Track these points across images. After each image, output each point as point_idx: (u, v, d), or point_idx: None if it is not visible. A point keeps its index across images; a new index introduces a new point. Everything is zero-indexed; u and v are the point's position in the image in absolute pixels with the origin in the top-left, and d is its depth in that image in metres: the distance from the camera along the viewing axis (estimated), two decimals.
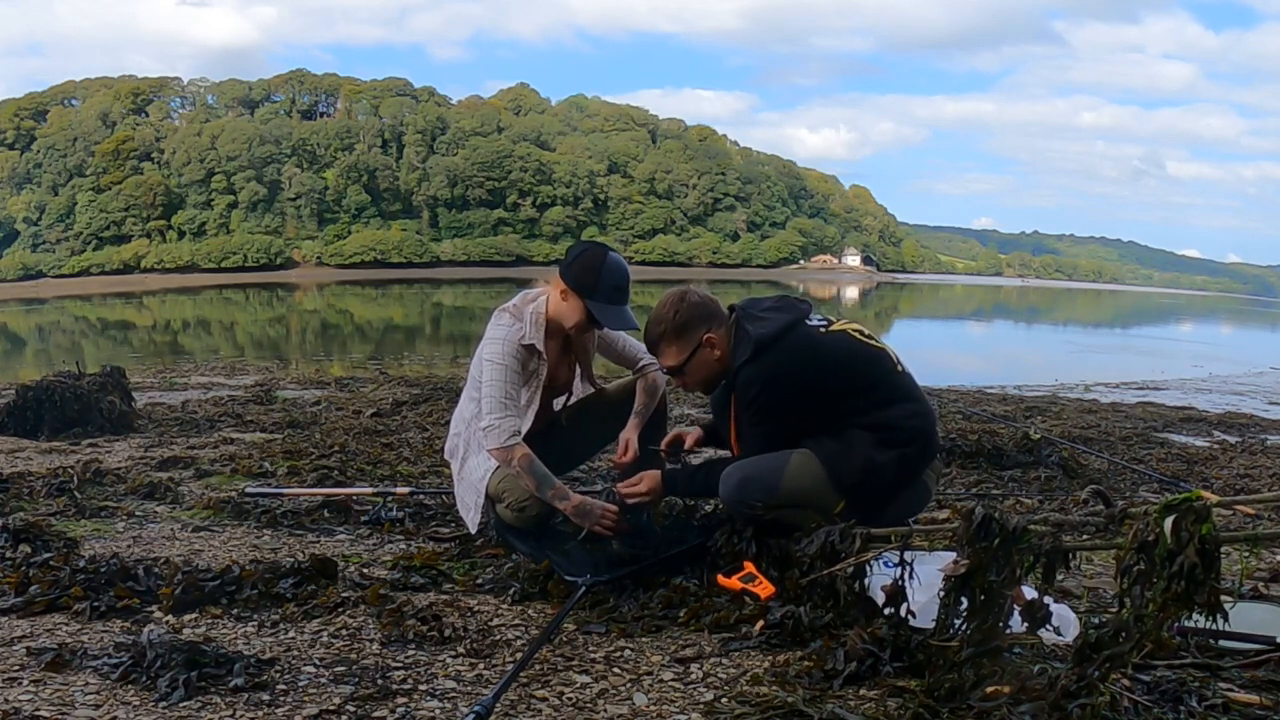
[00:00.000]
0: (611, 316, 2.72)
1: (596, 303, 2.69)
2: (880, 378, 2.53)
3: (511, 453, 2.63)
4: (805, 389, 2.46)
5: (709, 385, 2.67)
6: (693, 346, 2.57)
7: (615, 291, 2.70)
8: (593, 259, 2.71)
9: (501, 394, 2.66)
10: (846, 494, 2.46)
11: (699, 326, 2.57)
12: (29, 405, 5.15)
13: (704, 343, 2.57)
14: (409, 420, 5.70)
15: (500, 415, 2.64)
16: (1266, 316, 55.87)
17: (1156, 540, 1.56)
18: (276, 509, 3.25)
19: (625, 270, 2.75)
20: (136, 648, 1.88)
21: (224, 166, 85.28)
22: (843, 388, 2.48)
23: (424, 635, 2.08)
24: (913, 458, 2.51)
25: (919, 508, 2.67)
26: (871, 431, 2.46)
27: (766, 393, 2.47)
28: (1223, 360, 16.03)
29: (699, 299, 2.63)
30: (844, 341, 2.54)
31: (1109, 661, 1.56)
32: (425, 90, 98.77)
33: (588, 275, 2.68)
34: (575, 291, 2.70)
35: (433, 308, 38.52)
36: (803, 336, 2.52)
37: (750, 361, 2.48)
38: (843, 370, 2.49)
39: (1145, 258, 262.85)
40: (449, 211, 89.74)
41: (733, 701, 1.78)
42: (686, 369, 2.61)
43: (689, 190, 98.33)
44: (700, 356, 2.58)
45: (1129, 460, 4.92)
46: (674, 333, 2.59)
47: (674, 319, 2.58)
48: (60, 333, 27.64)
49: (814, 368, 2.47)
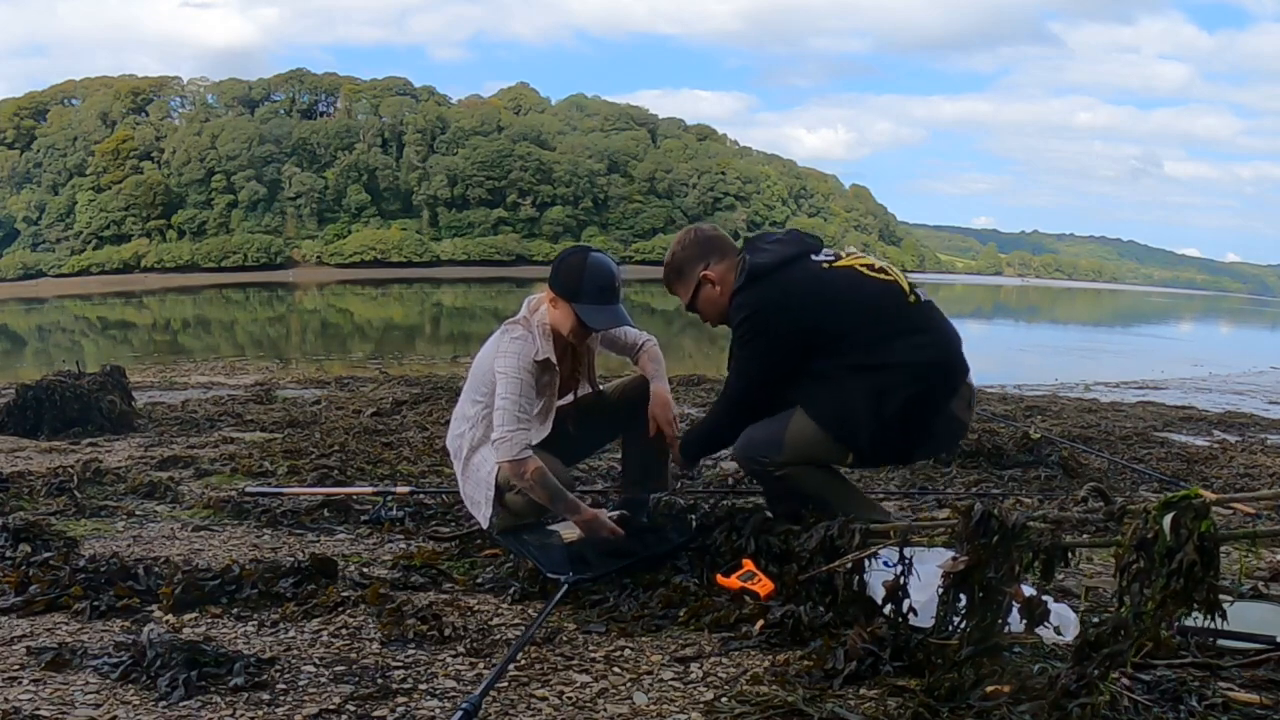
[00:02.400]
0: (599, 317, 2.71)
1: (583, 306, 2.68)
2: (887, 313, 2.45)
3: (524, 466, 2.62)
4: (798, 324, 2.43)
5: (720, 317, 2.67)
6: (694, 283, 2.63)
7: (601, 292, 2.69)
8: (575, 263, 2.70)
9: (515, 408, 2.64)
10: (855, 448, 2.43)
11: (696, 264, 2.63)
12: (29, 404, 5.15)
13: (702, 278, 2.62)
14: (409, 420, 5.70)
15: (513, 428, 2.63)
16: (1266, 316, 55.86)
17: (1155, 537, 1.56)
18: (276, 508, 3.25)
19: (609, 269, 2.73)
20: (136, 647, 1.88)
21: (224, 166, 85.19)
22: (842, 327, 2.42)
23: (424, 635, 2.08)
24: (925, 394, 2.42)
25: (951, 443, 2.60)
26: (874, 374, 2.39)
27: (751, 322, 2.46)
28: (1217, 363, 16.02)
29: (699, 236, 2.67)
30: (848, 277, 2.48)
31: (1108, 660, 1.56)
32: (425, 90, 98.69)
33: (571, 280, 2.68)
34: (562, 298, 2.70)
35: (433, 307, 38.49)
36: (802, 270, 2.49)
37: (741, 290, 2.50)
38: (843, 308, 2.44)
39: (1145, 257, 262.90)
40: (449, 211, 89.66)
41: (733, 701, 1.78)
42: (697, 307, 2.67)
43: (689, 190, 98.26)
44: (703, 293, 2.63)
45: (1129, 459, 4.92)
46: (674, 274, 2.67)
47: (672, 261, 2.69)
48: (60, 332, 27.63)
49: (810, 302, 2.43)
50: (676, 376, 8.99)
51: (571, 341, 2.82)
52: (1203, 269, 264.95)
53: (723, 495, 3.47)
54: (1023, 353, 17.10)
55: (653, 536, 2.69)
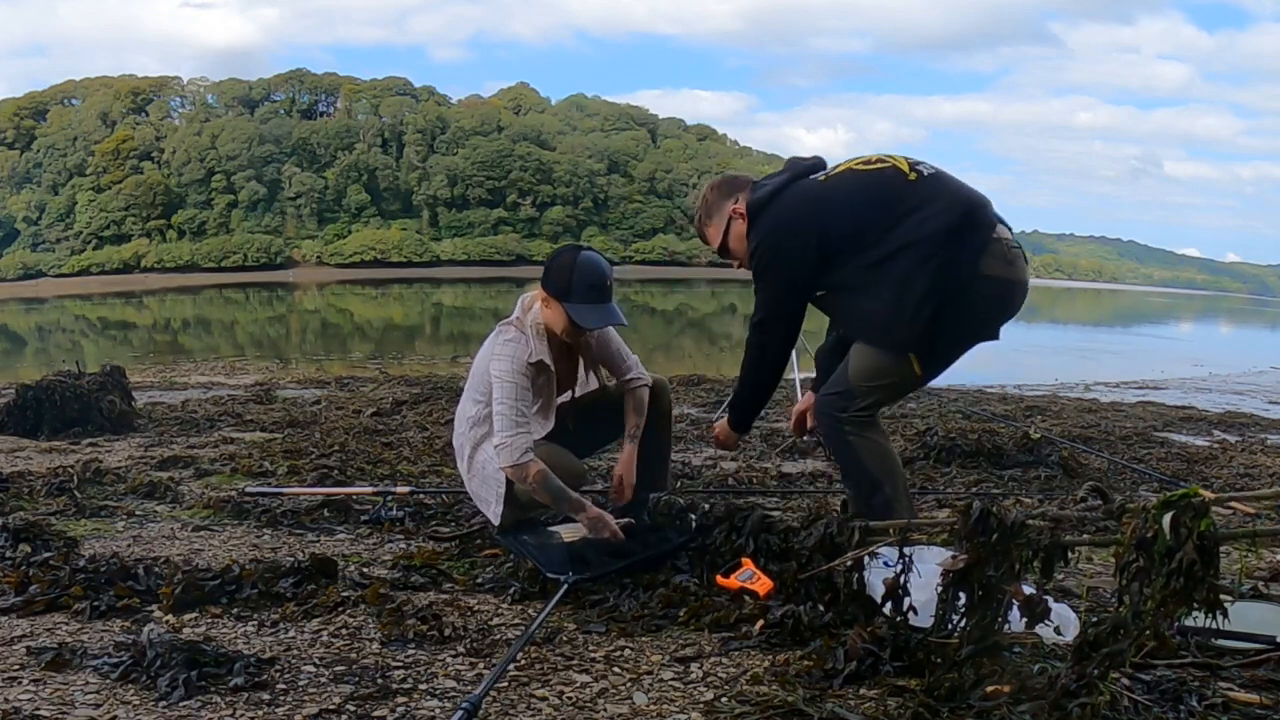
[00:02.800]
0: (589, 316, 2.70)
1: (574, 305, 2.67)
2: (889, 200, 2.44)
3: (526, 470, 2.63)
4: (803, 240, 2.46)
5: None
6: (725, 222, 2.65)
7: (591, 290, 2.68)
8: (565, 261, 2.70)
9: (513, 412, 2.65)
10: (910, 350, 2.44)
11: (725, 201, 2.65)
12: (29, 405, 5.15)
13: (733, 214, 2.64)
14: (409, 420, 5.70)
15: (512, 433, 2.63)
16: (1266, 316, 55.85)
17: (1155, 536, 1.56)
18: (276, 508, 3.25)
19: (600, 268, 2.72)
20: (136, 647, 1.88)
21: (224, 166, 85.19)
22: (847, 228, 2.44)
23: (424, 635, 2.09)
24: (946, 265, 2.38)
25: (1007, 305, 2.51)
26: (889, 265, 2.39)
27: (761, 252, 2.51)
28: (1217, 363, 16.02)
29: (726, 177, 2.73)
30: (844, 181, 2.51)
31: (1108, 659, 1.56)
32: (425, 90, 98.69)
33: (562, 278, 2.67)
34: (554, 297, 2.69)
35: (433, 307, 38.47)
36: (797, 191, 2.52)
37: (749, 231, 2.55)
38: (843, 209, 2.46)
39: (1145, 256, 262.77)
40: (449, 211, 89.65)
41: (733, 701, 1.78)
42: (729, 245, 2.67)
43: (689, 190, 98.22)
44: (733, 230, 2.65)
45: (1129, 459, 4.92)
46: (706, 215, 2.70)
47: (704, 205, 2.71)
48: (60, 332, 27.62)
49: (808, 214, 2.47)
50: (677, 377, 8.98)
51: (566, 340, 2.82)
52: (1203, 269, 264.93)
53: (723, 495, 3.47)
54: (1023, 353, 17.09)
55: (652, 536, 2.69)
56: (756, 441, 5.24)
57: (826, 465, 4.62)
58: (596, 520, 2.65)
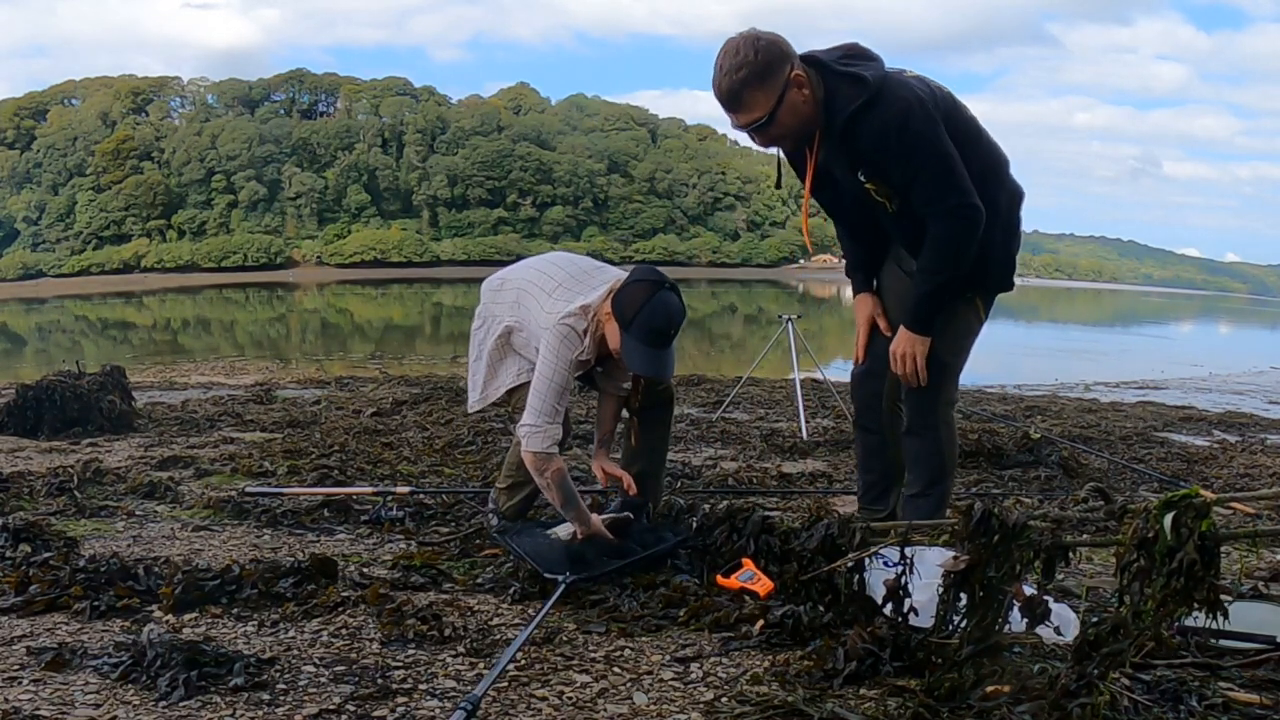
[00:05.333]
0: (640, 360, 2.60)
1: (629, 338, 2.58)
2: (972, 124, 2.42)
3: (548, 463, 2.60)
4: (940, 118, 2.30)
5: (799, 135, 2.39)
6: (780, 88, 2.25)
7: (653, 333, 2.57)
8: (639, 292, 2.58)
9: (553, 402, 2.60)
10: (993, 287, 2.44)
11: (783, 64, 2.25)
12: (29, 405, 5.15)
13: (792, 80, 2.26)
14: (409, 420, 5.70)
15: (548, 420, 2.59)
16: (1266, 316, 55.84)
17: (1156, 537, 1.56)
18: (276, 508, 3.25)
19: (670, 314, 2.58)
20: (136, 647, 1.88)
21: (224, 166, 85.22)
22: (957, 126, 2.35)
23: (424, 635, 2.08)
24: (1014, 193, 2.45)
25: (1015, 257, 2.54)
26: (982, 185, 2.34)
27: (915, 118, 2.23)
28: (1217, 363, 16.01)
29: (773, 35, 2.29)
30: (931, 85, 2.40)
31: (1108, 659, 1.56)
32: (425, 90, 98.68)
33: (629, 309, 2.57)
34: (615, 319, 2.61)
35: (433, 307, 38.50)
36: (905, 74, 2.37)
37: (874, 103, 2.22)
38: (952, 108, 2.37)
39: (1145, 257, 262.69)
40: (449, 211, 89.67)
41: (733, 701, 1.78)
42: (777, 116, 2.29)
43: (689, 190, 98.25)
44: (790, 99, 2.27)
45: (1129, 459, 4.92)
46: (758, 75, 2.24)
47: (756, 59, 2.24)
48: (60, 332, 27.62)
49: (939, 98, 2.33)
50: (677, 377, 8.98)
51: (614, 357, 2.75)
52: (1203, 269, 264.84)
53: (723, 495, 3.47)
54: (1023, 353, 17.09)
55: (651, 536, 2.69)
56: (756, 441, 5.25)
57: (826, 465, 4.62)
58: (596, 531, 2.64)
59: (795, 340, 6.55)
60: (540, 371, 2.64)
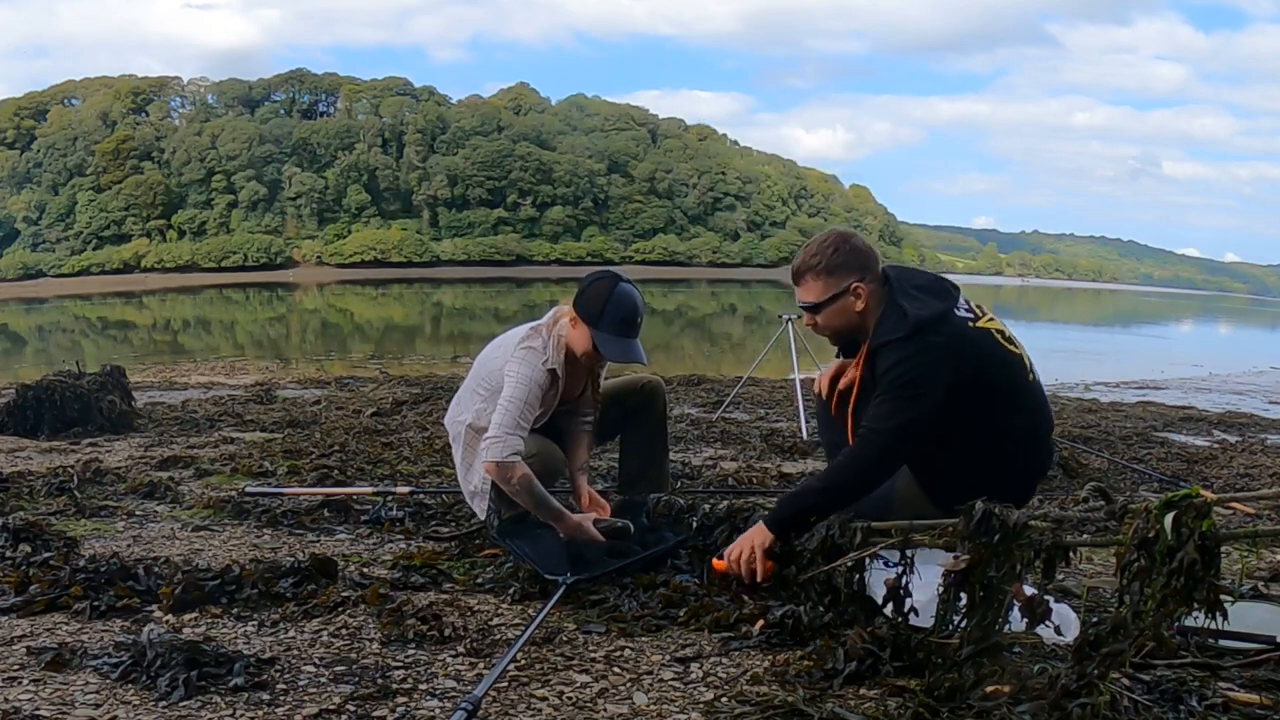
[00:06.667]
0: (614, 348, 2.71)
1: (601, 334, 2.69)
2: (1014, 386, 2.45)
3: (511, 471, 2.63)
4: (952, 384, 2.34)
5: (839, 335, 2.58)
6: (838, 290, 2.46)
7: (621, 324, 2.69)
8: (601, 289, 2.71)
9: (517, 414, 2.66)
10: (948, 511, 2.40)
11: (852, 272, 2.46)
12: (29, 405, 5.15)
13: (851, 290, 2.46)
14: (409, 420, 5.70)
15: (509, 430, 2.64)
16: (1266, 316, 55.82)
17: (1157, 537, 1.56)
18: (276, 508, 3.25)
19: (635, 302, 2.73)
20: (136, 647, 1.88)
21: (224, 166, 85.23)
22: (978, 391, 2.38)
23: (424, 635, 2.08)
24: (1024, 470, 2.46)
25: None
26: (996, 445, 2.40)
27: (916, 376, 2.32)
28: (1217, 363, 16.01)
29: (863, 246, 2.51)
30: (988, 341, 2.45)
31: (1108, 659, 1.56)
32: (425, 90, 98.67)
33: (594, 305, 2.69)
34: (583, 320, 2.71)
35: (433, 307, 38.50)
36: (957, 327, 2.41)
37: (906, 340, 2.34)
38: (982, 373, 2.39)
39: (1145, 257, 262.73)
40: (449, 211, 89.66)
41: (733, 701, 1.78)
42: (822, 310, 2.50)
43: (689, 190, 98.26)
44: (842, 303, 2.48)
45: (1129, 459, 4.92)
46: (825, 269, 2.47)
47: (831, 255, 2.47)
48: (60, 332, 27.62)
49: (964, 363, 2.36)
50: (676, 377, 8.99)
51: (583, 363, 2.83)
52: (1202, 269, 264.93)
53: (723, 495, 3.46)
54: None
55: (651, 536, 2.69)
56: (756, 441, 5.24)
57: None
58: (575, 529, 2.64)
59: (795, 340, 6.56)
60: (505, 393, 2.68)
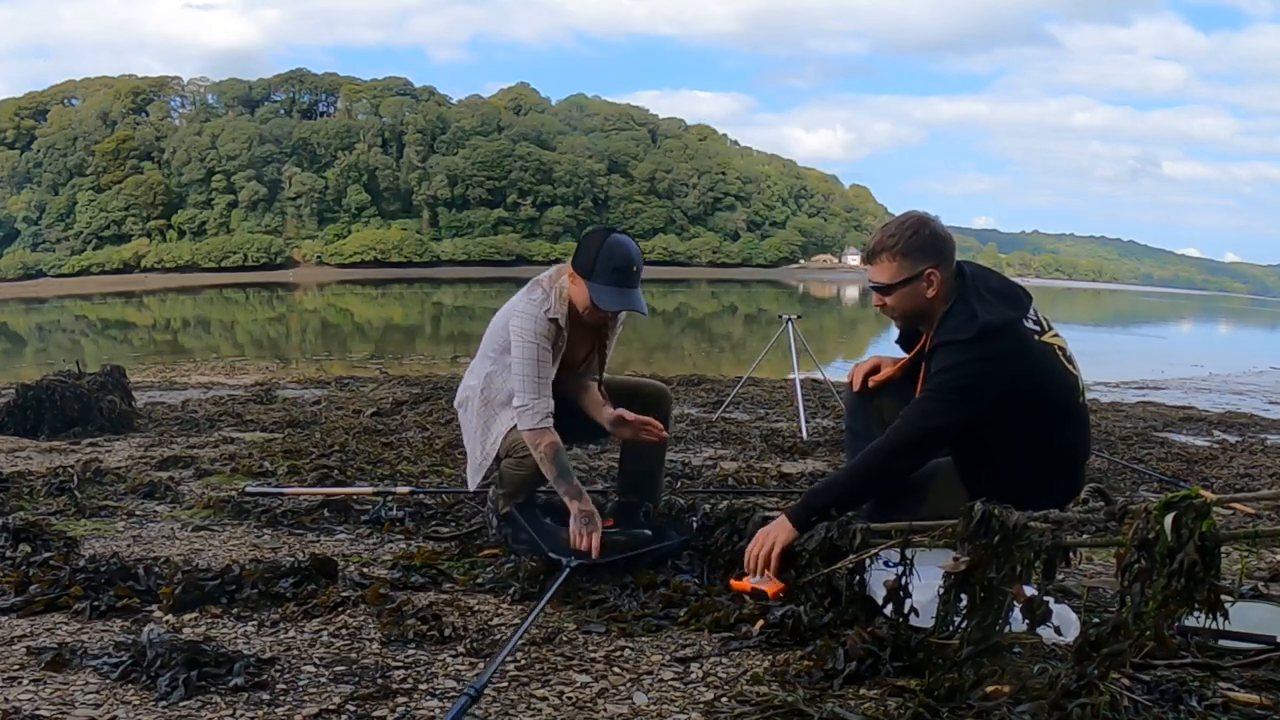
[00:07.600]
0: (609, 298, 2.68)
1: (596, 285, 2.67)
2: (1066, 406, 2.44)
3: (542, 438, 2.63)
4: (1005, 391, 2.33)
5: (907, 319, 2.53)
6: (912, 273, 2.41)
7: (615, 273, 2.67)
8: (593, 240, 2.71)
9: (534, 373, 2.65)
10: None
11: (928, 258, 2.41)
12: (29, 405, 5.15)
13: (925, 276, 2.41)
14: (409, 420, 5.69)
15: (534, 396, 2.64)
16: (1266, 316, 55.84)
17: (1157, 537, 1.56)
18: (276, 508, 3.25)
19: (629, 251, 2.70)
20: (136, 647, 1.88)
21: (224, 166, 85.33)
22: (1033, 404, 2.36)
23: (424, 635, 2.08)
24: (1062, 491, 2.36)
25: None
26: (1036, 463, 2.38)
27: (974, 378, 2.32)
28: (1217, 363, 16.02)
29: (942, 232, 2.47)
30: (1049, 356, 2.42)
31: (1108, 660, 1.56)
32: (425, 90, 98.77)
33: (587, 256, 2.68)
34: (579, 274, 2.70)
35: (433, 307, 38.52)
36: (1023, 338, 2.39)
37: (969, 343, 2.33)
38: (1040, 388, 2.38)
39: (1145, 257, 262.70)
40: (449, 211, 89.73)
41: (733, 701, 1.78)
42: (893, 291, 2.45)
43: (689, 190, 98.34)
44: (914, 287, 2.43)
45: (1129, 460, 4.92)
46: (903, 250, 2.42)
47: (910, 238, 2.42)
48: (60, 332, 27.62)
49: (1023, 374, 2.35)
50: (676, 377, 8.99)
51: (586, 320, 2.79)
52: (1202, 269, 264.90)
53: (723, 495, 3.46)
54: None
55: (655, 535, 2.69)
56: (756, 441, 5.24)
57: (826, 465, 4.62)
58: (588, 516, 2.61)
59: (795, 340, 6.55)
60: (515, 354, 2.69)
